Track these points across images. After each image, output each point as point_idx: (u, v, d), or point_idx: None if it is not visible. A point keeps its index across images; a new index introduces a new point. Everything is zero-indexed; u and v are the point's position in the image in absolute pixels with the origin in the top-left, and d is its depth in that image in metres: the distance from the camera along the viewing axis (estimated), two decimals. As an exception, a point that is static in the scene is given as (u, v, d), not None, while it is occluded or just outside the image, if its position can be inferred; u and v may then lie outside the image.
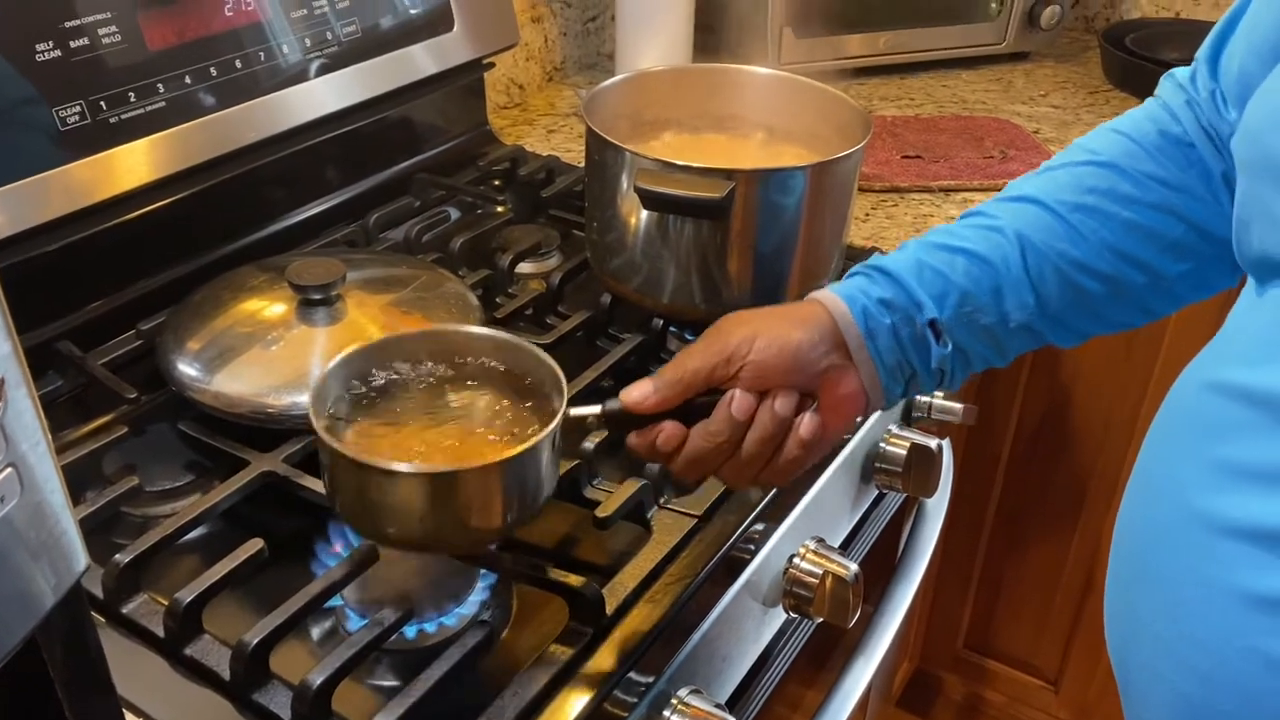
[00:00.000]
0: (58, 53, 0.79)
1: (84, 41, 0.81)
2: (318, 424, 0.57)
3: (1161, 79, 0.71)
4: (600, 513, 0.68)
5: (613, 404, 0.62)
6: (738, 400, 0.61)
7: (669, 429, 0.62)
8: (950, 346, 0.65)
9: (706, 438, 0.61)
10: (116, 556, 0.64)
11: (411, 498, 0.56)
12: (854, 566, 0.75)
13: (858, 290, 0.64)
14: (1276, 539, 0.51)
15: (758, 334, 0.62)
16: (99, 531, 0.70)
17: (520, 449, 0.56)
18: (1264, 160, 0.54)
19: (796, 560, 0.76)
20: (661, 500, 0.72)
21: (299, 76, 0.97)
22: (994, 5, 1.50)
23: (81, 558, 0.40)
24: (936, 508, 0.99)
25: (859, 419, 0.70)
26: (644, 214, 0.83)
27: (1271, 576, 0.51)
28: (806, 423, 0.62)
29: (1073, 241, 0.66)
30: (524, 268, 1.01)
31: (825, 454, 0.67)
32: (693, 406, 0.61)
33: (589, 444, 0.73)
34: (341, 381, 0.62)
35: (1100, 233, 0.66)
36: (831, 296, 0.64)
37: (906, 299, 0.64)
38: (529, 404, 0.62)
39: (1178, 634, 0.56)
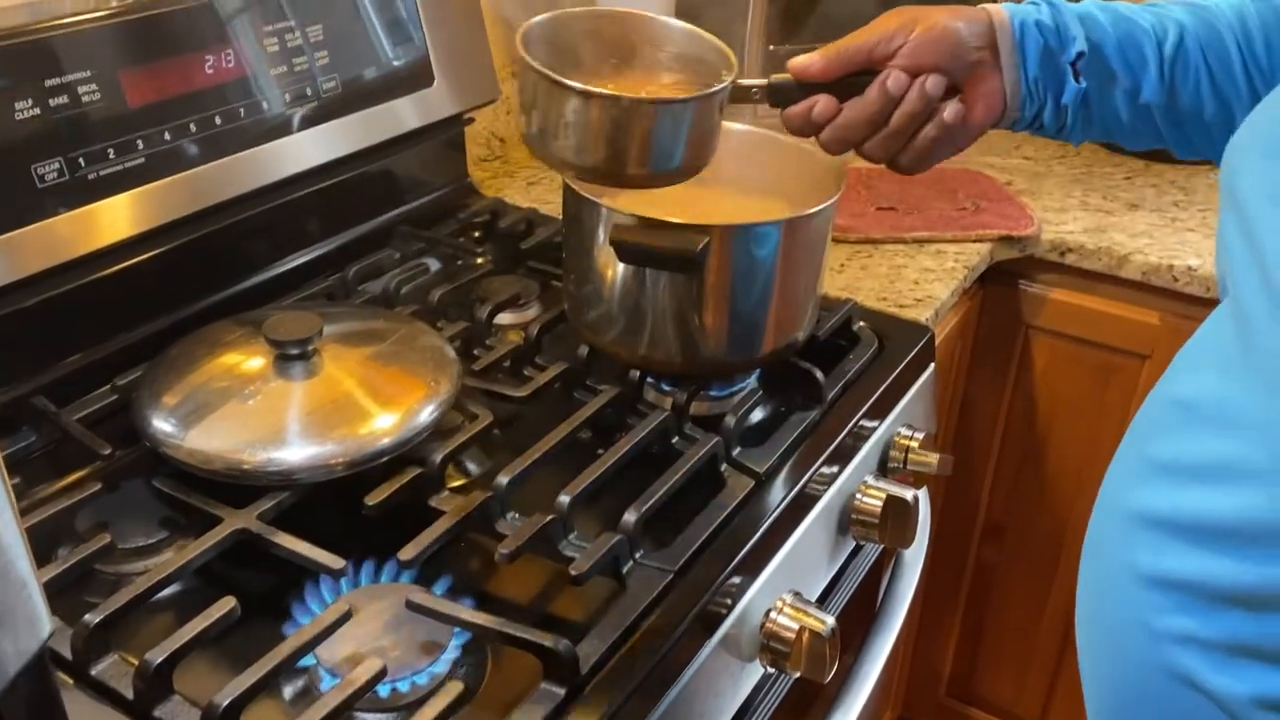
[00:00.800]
0: (37, 110, 0.80)
1: (64, 99, 0.82)
2: (523, 50, 0.68)
3: None
4: (574, 569, 0.68)
5: (777, 77, 0.74)
6: (894, 77, 0.72)
7: (824, 100, 0.73)
8: (1084, 85, 0.74)
9: (859, 109, 0.72)
10: (86, 616, 0.63)
11: (600, 121, 0.67)
12: (831, 621, 0.75)
13: (1025, 7, 0.74)
14: (1170, 524, 0.57)
15: (918, 20, 0.72)
16: (70, 590, 0.69)
17: (700, 94, 0.69)
18: (1224, 188, 0.59)
19: (773, 614, 0.76)
20: (637, 555, 0.72)
21: (280, 131, 0.98)
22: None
23: (46, 624, 0.40)
24: (914, 558, 0.99)
25: (993, 123, 0.77)
26: (620, 267, 0.84)
27: (1163, 558, 0.57)
28: (950, 108, 0.72)
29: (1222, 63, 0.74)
30: (503, 319, 1.01)
31: (958, 149, 0.75)
32: (847, 85, 0.72)
33: (564, 497, 0.73)
34: (539, 40, 0.72)
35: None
36: (998, 6, 0.74)
37: (1062, 33, 0.73)
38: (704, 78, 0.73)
39: (1092, 615, 0.64)
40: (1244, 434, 0.55)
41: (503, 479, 0.75)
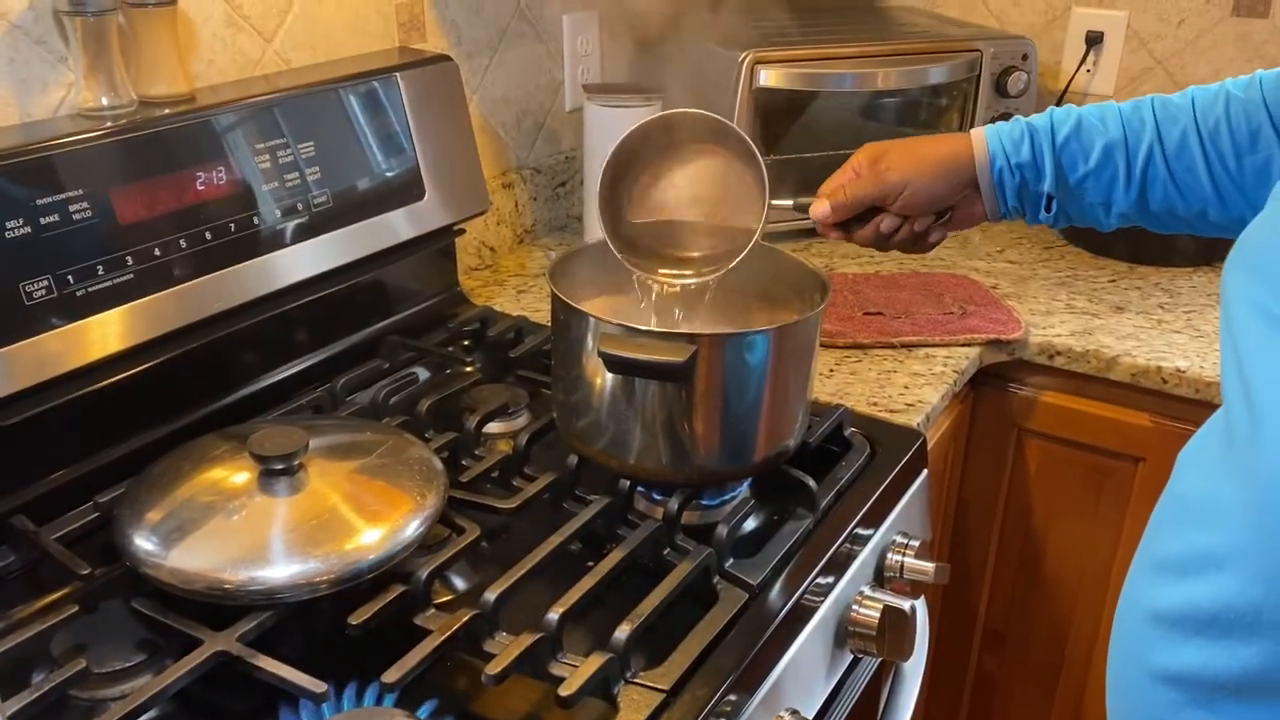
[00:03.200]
0: (27, 229, 0.80)
1: (55, 217, 0.82)
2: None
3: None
4: (564, 690, 0.66)
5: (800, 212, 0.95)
6: (887, 221, 0.92)
7: (834, 234, 0.95)
8: (1055, 211, 0.91)
9: (860, 238, 0.94)
10: (57, 747, 0.61)
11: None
12: (829, 740, 0.72)
13: (1002, 148, 0.89)
14: (1172, 619, 0.61)
15: (909, 183, 0.89)
16: (45, 717, 0.67)
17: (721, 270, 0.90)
18: (1221, 301, 0.66)
19: (770, 734, 0.73)
20: (628, 675, 0.70)
21: (271, 245, 0.99)
22: (948, 166, 1.56)
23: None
24: (914, 670, 0.97)
25: (974, 226, 0.97)
26: (609, 376, 0.84)
27: (1169, 653, 0.61)
28: (936, 234, 0.94)
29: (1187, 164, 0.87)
30: (492, 428, 1.01)
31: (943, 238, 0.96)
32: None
33: (553, 614, 0.71)
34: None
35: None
36: (982, 147, 0.89)
37: (1036, 171, 0.89)
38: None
39: (1117, 712, 0.69)
40: (1223, 526, 0.58)
41: (490, 595, 0.73)
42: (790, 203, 0.95)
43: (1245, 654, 0.56)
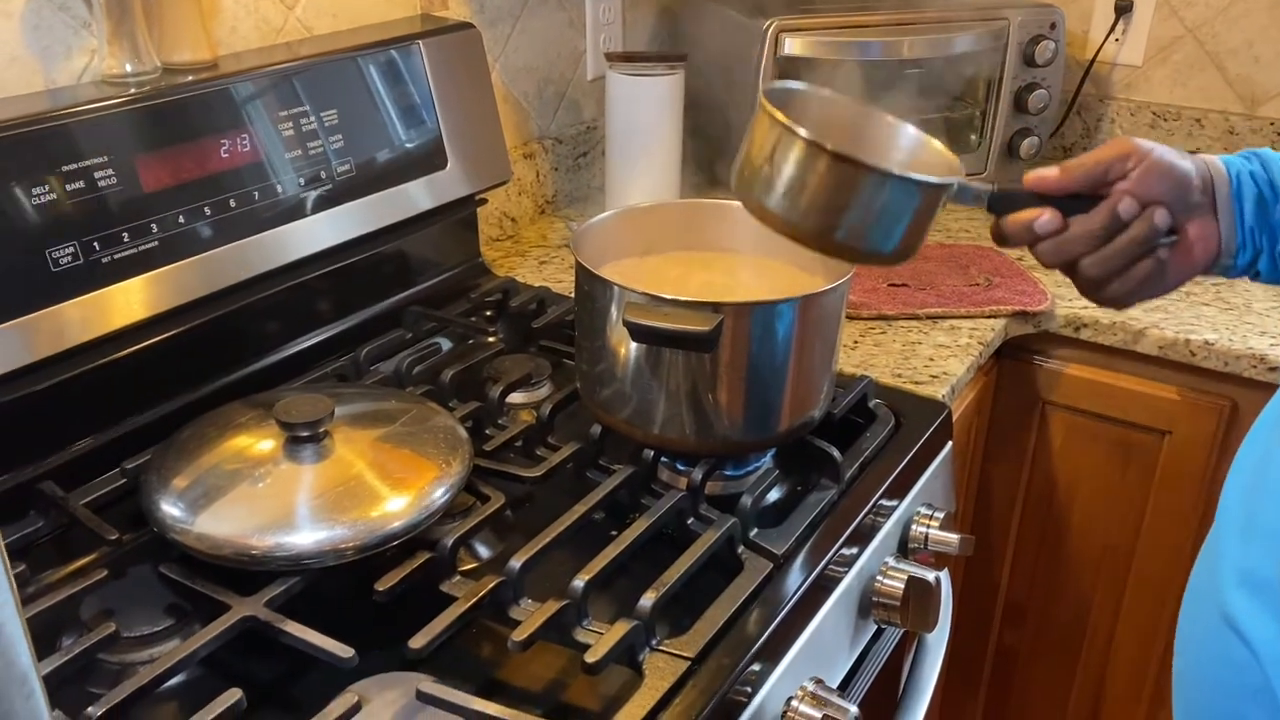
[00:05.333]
0: (54, 195, 0.81)
1: (80, 184, 0.82)
2: (766, 102, 0.70)
3: None
4: (589, 657, 0.66)
5: (1001, 186, 0.74)
6: (1126, 201, 0.71)
7: (1049, 213, 0.72)
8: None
9: (1085, 225, 0.72)
10: (88, 710, 0.62)
11: (835, 183, 0.68)
12: (853, 709, 0.72)
13: (1235, 160, 0.75)
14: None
15: (1154, 147, 0.72)
16: (74, 680, 0.68)
17: (934, 180, 0.69)
18: None
19: (794, 703, 0.73)
20: (654, 642, 0.70)
21: (294, 214, 0.99)
22: (974, 137, 1.54)
23: (46, 721, 0.39)
24: (937, 642, 0.97)
25: (1206, 266, 0.77)
26: (633, 346, 0.83)
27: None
28: (1169, 246, 0.73)
29: None
30: (515, 398, 1.01)
31: (1165, 290, 0.76)
32: (1071, 202, 0.72)
33: (579, 581, 0.71)
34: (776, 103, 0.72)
35: None
36: (1216, 160, 0.75)
37: (1275, 187, 0.74)
38: None
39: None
40: None
41: (515, 563, 0.73)
42: (982, 187, 0.75)
43: None
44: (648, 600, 0.70)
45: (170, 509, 0.75)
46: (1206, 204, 0.74)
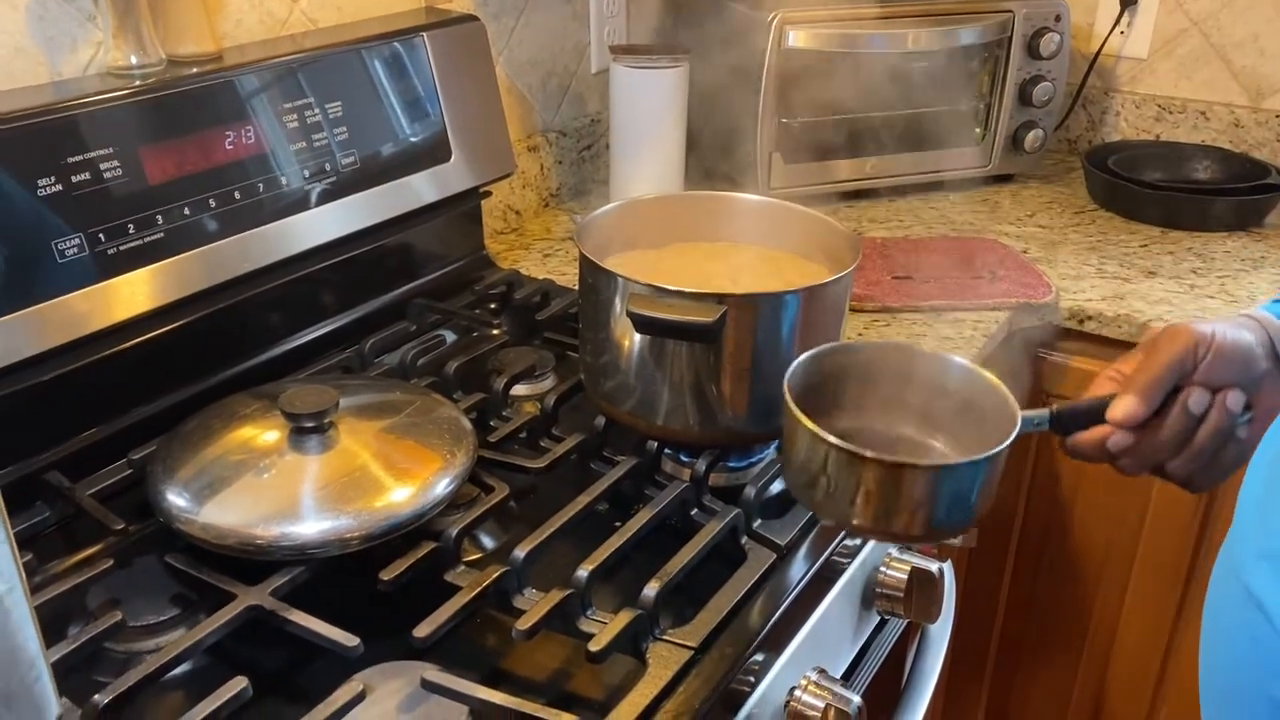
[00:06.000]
0: (59, 187, 0.81)
1: (86, 175, 0.82)
2: (794, 408, 0.70)
3: None
4: (593, 646, 0.66)
5: (1060, 407, 0.71)
6: (1195, 396, 0.67)
7: (1119, 434, 0.68)
8: None
9: (1162, 432, 0.68)
10: (95, 698, 0.62)
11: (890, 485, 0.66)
12: (856, 699, 0.73)
13: None
14: None
15: (1215, 330, 0.68)
16: (80, 669, 0.68)
17: (989, 454, 0.66)
18: None
19: (797, 692, 0.74)
20: (657, 632, 0.70)
21: (298, 206, 0.99)
22: (978, 130, 1.54)
23: (54, 706, 0.39)
24: (940, 633, 0.97)
25: None
26: (637, 337, 0.83)
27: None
28: (1246, 425, 0.68)
29: None
30: (519, 390, 1.01)
31: (1244, 464, 0.66)
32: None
33: (583, 571, 0.72)
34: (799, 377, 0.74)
35: None
36: (1264, 314, 0.70)
37: None
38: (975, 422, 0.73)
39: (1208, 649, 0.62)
40: None
41: (519, 553, 0.73)
42: (1039, 414, 0.72)
43: None
44: (651, 590, 0.70)
45: (176, 499, 0.75)
46: (1273, 368, 0.70)
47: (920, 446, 0.77)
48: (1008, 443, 0.68)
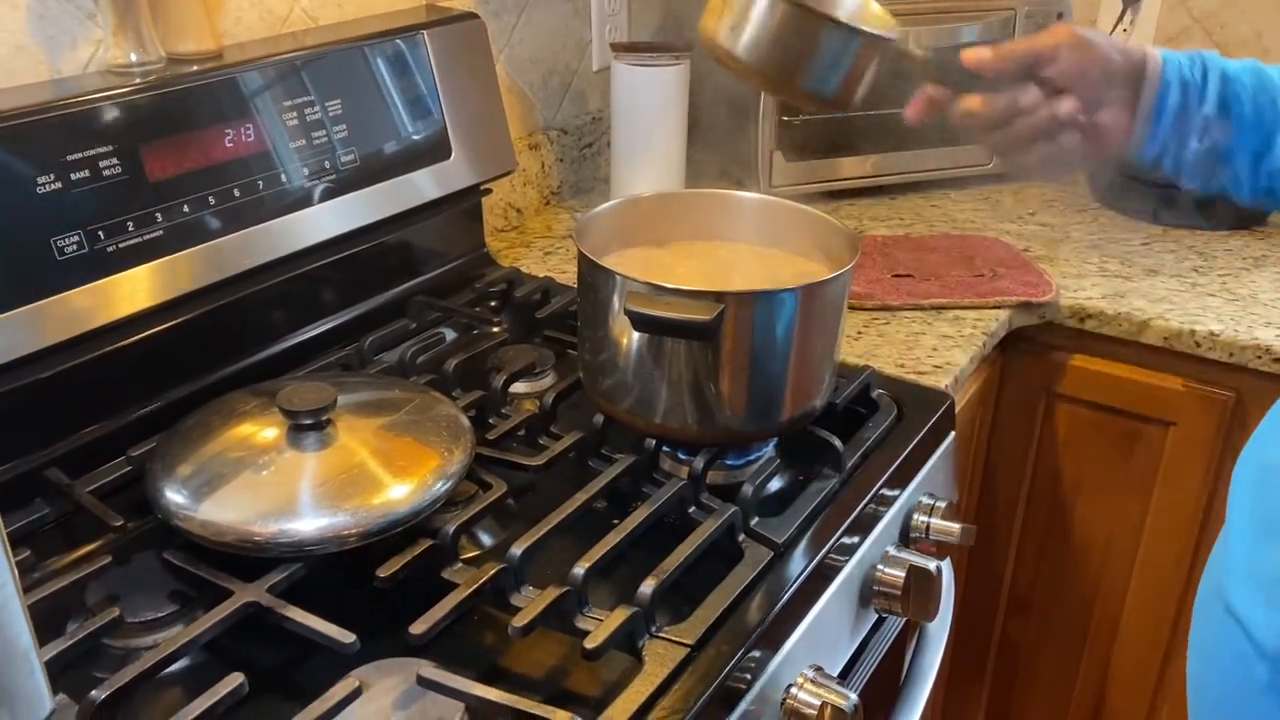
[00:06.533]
0: (58, 185, 0.81)
1: (85, 173, 0.83)
2: None
3: None
4: (589, 643, 0.66)
5: (938, 51, 0.83)
6: (1031, 93, 0.78)
7: (973, 98, 0.80)
8: (1206, 144, 0.78)
9: (989, 104, 0.79)
10: (92, 693, 0.62)
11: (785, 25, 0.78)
12: (853, 696, 0.73)
13: (1177, 64, 0.79)
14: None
15: (1093, 39, 0.77)
16: (78, 665, 0.68)
17: (872, 31, 0.80)
18: None
19: (794, 690, 0.74)
20: (653, 629, 0.70)
21: (298, 203, 0.99)
22: (980, 128, 1.53)
23: (47, 702, 0.39)
24: (938, 632, 0.97)
25: (1112, 155, 0.82)
26: (635, 335, 0.83)
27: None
28: (1070, 136, 0.78)
29: None
30: (518, 387, 1.01)
31: (1068, 172, 0.86)
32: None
33: (579, 569, 0.72)
34: None
35: None
36: (1158, 64, 0.79)
37: (1203, 91, 0.78)
38: None
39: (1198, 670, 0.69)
40: None
41: (516, 550, 0.73)
42: (925, 49, 0.84)
43: None
44: (647, 587, 0.71)
45: (174, 496, 0.76)
46: (1128, 98, 0.78)
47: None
48: (889, 35, 0.81)
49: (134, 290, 0.87)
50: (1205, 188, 0.82)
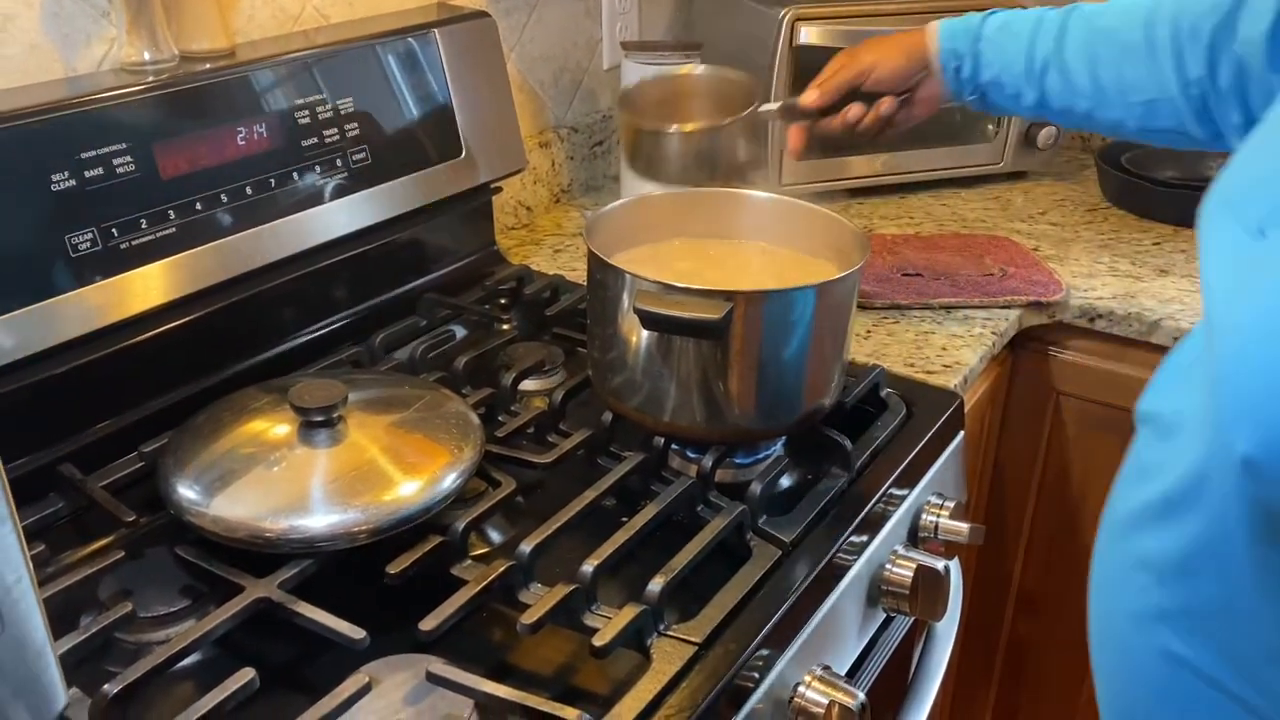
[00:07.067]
0: (73, 182, 0.82)
1: (99, 171, 0.83)
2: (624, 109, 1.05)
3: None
4: (597, 641, 0.66)
5: (785, 104, 1.07)
6: (854, 110, 1.04)
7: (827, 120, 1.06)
8: (981, 99, 1.03)
9: (831, 125, 1.06)
10: (105, 687, 0.63)
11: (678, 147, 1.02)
12: (861, 695, 0.73)
13: (952, 45, 1.01)
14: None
15: (878, 60, 1.02)
16: (91, 659, 0.69)
17: (725, 121, 1.02)
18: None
19: (802, 688, 0.74)
20: (662, 627, 0.71)
21: (310, 201, 0.99)
22: (990, 127, 1.53)
23: (61, 696, 0.40)
24: (946, 631, 0.97)
25: (940, 106, 1.07)
26: (644, 333, 0.84)
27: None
28: (901, 114, 1.05)
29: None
30: (528, 385, 1.01)
31: (913, 121, 1.07)
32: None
33: (588, 566, 0.72)
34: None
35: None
36: (935, 41, 1.02)
37: (973, 65, 1.01)
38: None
39: (1104, 659, 0.78)
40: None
41: (525, 548, 0.74)
42: (777, 105, 1.08)
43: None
44: (656, 585, 0.71)
45: (186, 492, 0.76)
46: (927, 76, 1.03)
47: None
48: (732, 119, 1.03)
49: (147, 287, 0.87)
50: (1069, 123, 1.02)
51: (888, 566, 0.87)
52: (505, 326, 1.11)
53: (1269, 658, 0.62)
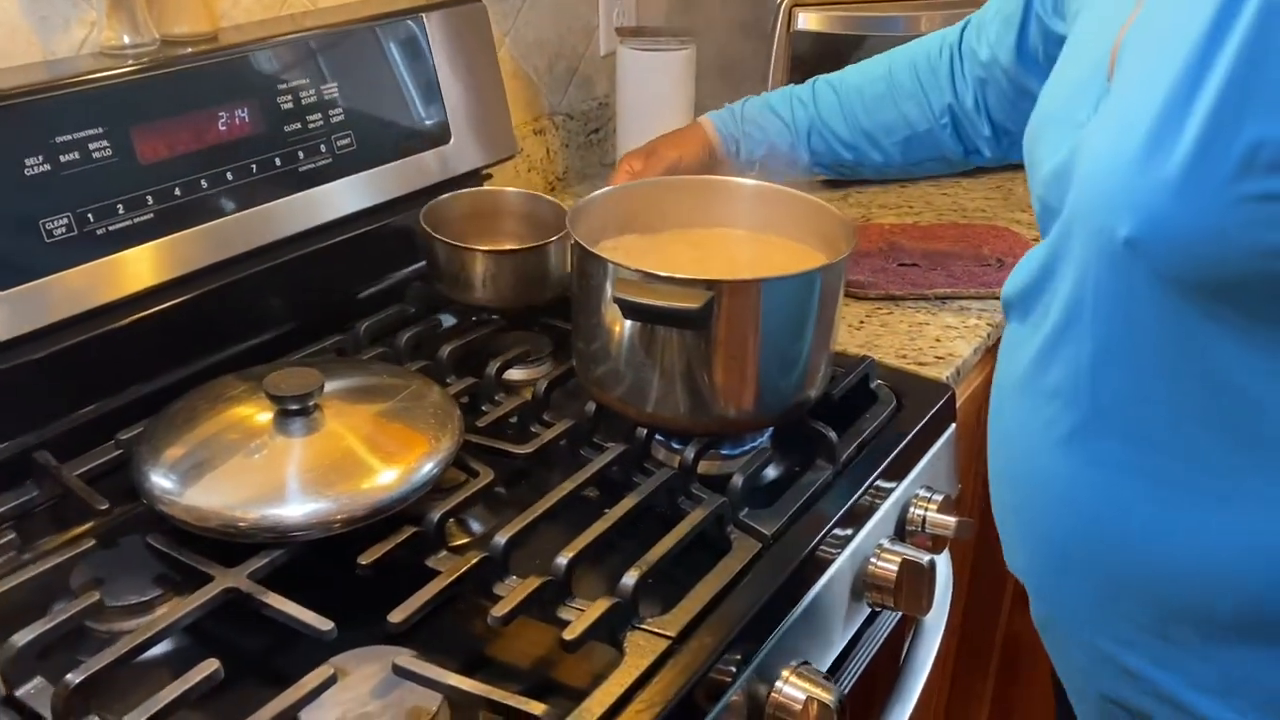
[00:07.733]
0: (47, 166, 0.81)
1: (74, 155, 0.82)
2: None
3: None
4: (567, 634, 0.65)
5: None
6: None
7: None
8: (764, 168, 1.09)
9: None
10: (67, 676, 0.62)
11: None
12: (839, 691, 0.71)
13: (727, 132, 1.12)
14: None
15: (682, 158, 1.09)
16: (61, 648, 0.68)
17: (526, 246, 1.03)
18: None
19: (779, 684, 0.73)
20: (636, 621, 0.69)
21: (293, 187, 0.98)
22: (992, 115, 1.51)
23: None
24: (935, 625, 0.96)
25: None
26: (627, 323, 0.83)
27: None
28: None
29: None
30: (513, 374, 1.00)
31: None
32: None
33: (562, 559, 0.71)
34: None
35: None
36: (712, 131, 1.13)
37: (748, 144, 1.11)
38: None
39: (1008, 470, 0.83)
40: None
41: (500, 538, 0.73)
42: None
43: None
44: (629, 578, 0.70)
45: (160, 480, 0.75)
46: (721, 161, 1.12)
47: None
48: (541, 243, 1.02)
49: (125, 273, 0.86)
50: (841, 174, 1.18)
51: (872, 560, 0.85)
52: (494, 315, 1.09)
53: (1173, 424, 0.68)
